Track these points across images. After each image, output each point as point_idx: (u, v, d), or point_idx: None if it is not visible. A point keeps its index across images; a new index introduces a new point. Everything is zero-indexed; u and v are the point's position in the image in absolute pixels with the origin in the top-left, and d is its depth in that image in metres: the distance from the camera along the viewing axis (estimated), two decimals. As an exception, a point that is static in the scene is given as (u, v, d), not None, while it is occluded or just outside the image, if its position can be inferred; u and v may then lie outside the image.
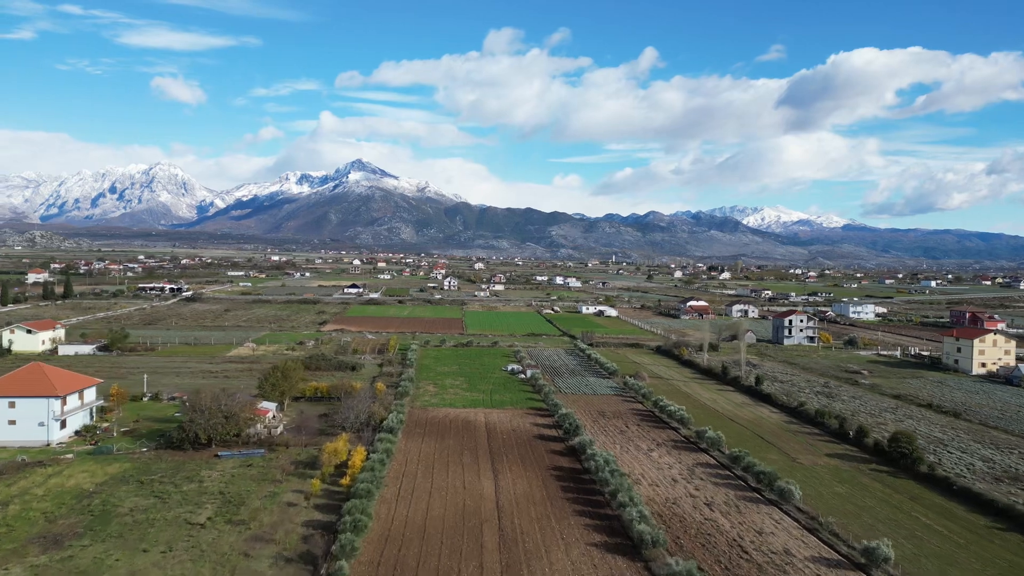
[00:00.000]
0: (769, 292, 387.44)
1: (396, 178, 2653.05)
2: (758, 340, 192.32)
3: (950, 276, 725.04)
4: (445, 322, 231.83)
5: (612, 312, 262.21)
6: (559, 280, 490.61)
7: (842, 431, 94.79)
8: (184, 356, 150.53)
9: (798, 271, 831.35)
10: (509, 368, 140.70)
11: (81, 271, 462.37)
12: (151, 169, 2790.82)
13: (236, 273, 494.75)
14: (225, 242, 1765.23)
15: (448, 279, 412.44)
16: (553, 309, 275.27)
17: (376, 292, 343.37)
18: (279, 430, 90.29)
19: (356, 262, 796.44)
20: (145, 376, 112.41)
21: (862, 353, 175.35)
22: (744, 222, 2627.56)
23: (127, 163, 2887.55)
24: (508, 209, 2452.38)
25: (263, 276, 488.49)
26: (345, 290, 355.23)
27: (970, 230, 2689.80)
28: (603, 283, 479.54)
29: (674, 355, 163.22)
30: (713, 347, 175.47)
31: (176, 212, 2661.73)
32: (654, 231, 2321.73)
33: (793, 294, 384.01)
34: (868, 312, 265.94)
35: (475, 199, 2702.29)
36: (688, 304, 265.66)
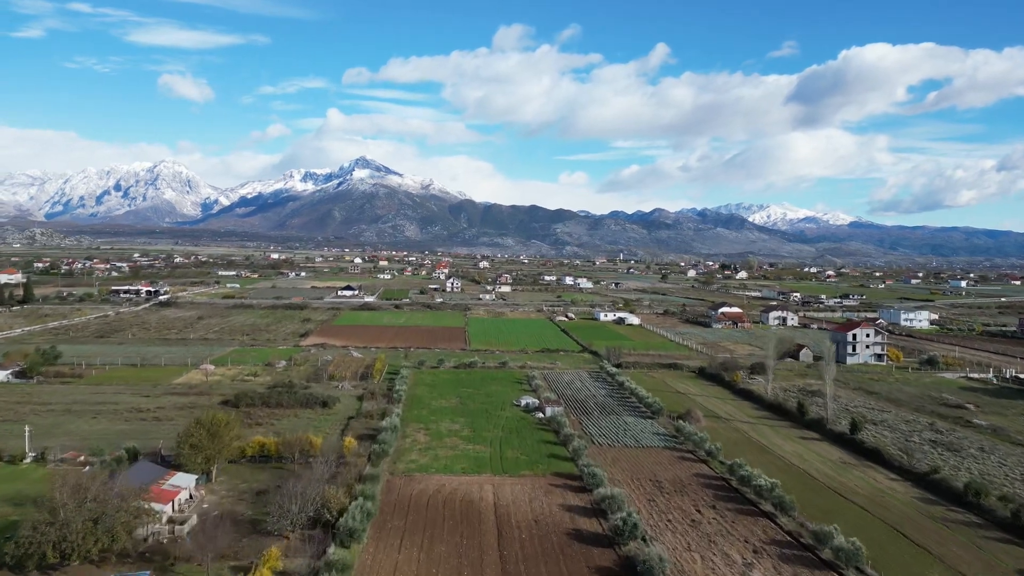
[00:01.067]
0: (798, 294, 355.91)
1: (400, 175, 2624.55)
2: (814, 358, 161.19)
3: (972, 275, 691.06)
4: (446, 333, 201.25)
5: (634, 320, 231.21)
6: (568, 280, 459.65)
7: (1018, 523, 64.03)
8: (118, 385, 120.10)
9: (813, 269, 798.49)
10: (523, 403, 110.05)
11: (63, 271, 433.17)
12: (156, 167, 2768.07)
13: (227, 273, 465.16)
14: (228, 239, 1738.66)
15: (451, 280, 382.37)
16: (567, 316, 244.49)
17: (372, 295, 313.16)
18: (187, 527, 59.80)
19: (357, 260, 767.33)
20: (28, 429, 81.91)
21: (947, 376, 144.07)
22: (750, 219, 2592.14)
23: (134, 161, 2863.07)
24: (513, 206, 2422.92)
25: (255, 276, 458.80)
26: (339, 292, 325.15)
27: (978, 227, 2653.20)
28: (615, 284, 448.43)
29: (724, 381, 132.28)
30: (761, 368, 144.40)
31: (181, 210, 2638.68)
32: (660, 228, 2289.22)
33: (824, 296, 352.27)
34: (922, 319, 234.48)
35: (480, 197, 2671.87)
36: (720, 311, 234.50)
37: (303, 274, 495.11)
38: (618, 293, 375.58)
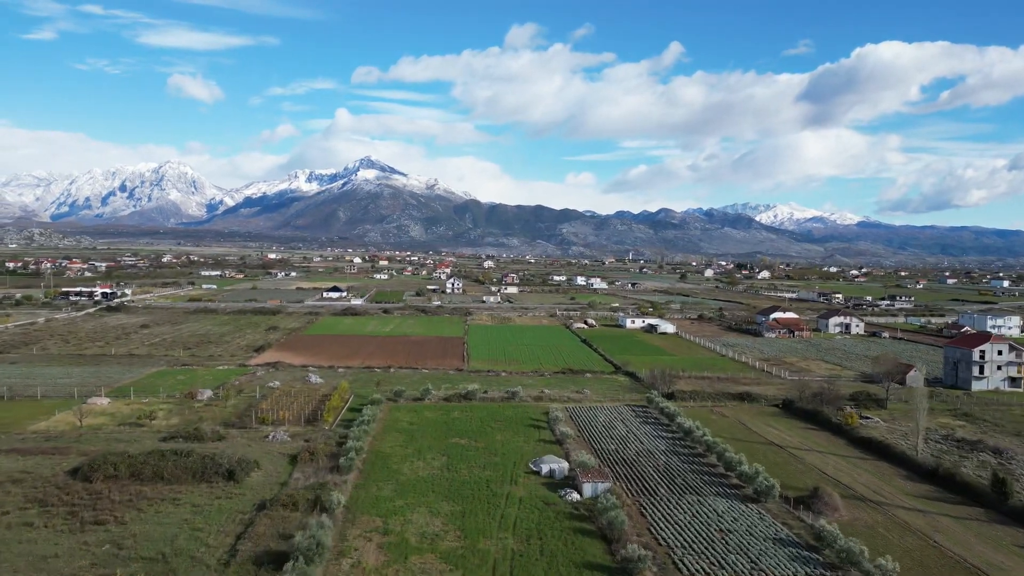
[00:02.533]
0: (840, 296, 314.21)
1: (405, 175, 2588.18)
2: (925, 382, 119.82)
3: (1011, 274, 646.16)
4: (439, 345, 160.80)
5: (668, 327, 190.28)
6: (580, 280, 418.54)
7: None
8: (-60, 434, 79.95)
9: (833, 269, 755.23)
10: (544, 468, 69.46)
11: (29, 270, 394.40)
12: (161, 167, 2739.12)
13: (210, 273, 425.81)
14: (231, 240, 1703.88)
15: (452, 280, 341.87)
16: (586, 322, 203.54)
17: (361, 297, 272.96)
18: None
19: (356, 260, 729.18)
20: None
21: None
22: (757, 219, 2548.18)
23: (141, 162, 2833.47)
24: (518, 206, 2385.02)
25: (241, 276, 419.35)
26: (324, 294, 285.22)
27: (987, 227, 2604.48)
28: (631, 284, 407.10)
29: (829, 423, 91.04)
30: (877, 401, 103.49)
31: (186, 210, 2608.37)
32: (666, 228, 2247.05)
33: (869, 298, 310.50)
34: (1012, 326, 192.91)
35: (486, 197, 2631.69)
36: (771, 317, 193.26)
37: (293, 274, 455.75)
38: (637, 294, 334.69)
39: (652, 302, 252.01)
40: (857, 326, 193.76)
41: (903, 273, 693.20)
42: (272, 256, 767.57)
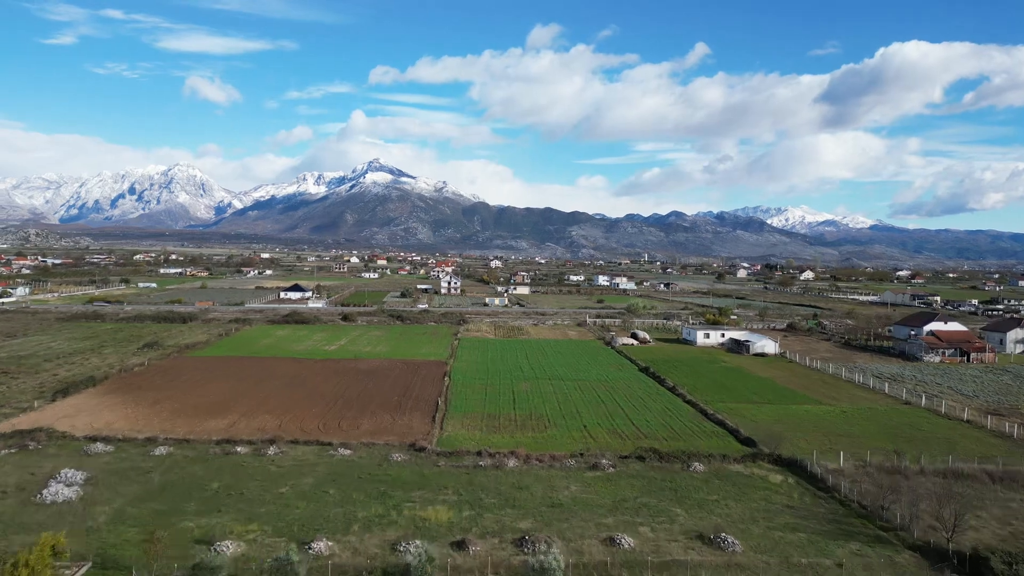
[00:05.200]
0: (938, 298, 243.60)
1: (414, 178, 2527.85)
2: None
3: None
4: (400, 380, 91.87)
5: (766, 344, 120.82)
6: (602, 280, 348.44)
7: None
8: None
9: (866, 268, 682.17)
10: None
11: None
12: (170, 170, 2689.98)
13: (170, 271, 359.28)
14: (236, 242, 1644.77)
15: (448, 279, 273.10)
16: (635, 336, 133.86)
17: (324, 299, 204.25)
18: None
19: (354, 259, 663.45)
20: None
21: None
22: (768, 222, 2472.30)
23: (150, 165, 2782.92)
24: (527, 209, 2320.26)
25: (205, 275, 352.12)
26: (281, 294, 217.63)
27: (1003, 230, 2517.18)
28: (664, 284, 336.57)
29: None
30: None
31: (194, 213, 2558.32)
32: (677, 231, 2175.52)
33: (974, 301, 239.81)
34: None
35: (495, 200, 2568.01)
36: (927, 330, 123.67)
37: (269, 272, 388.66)
38: (676, 296, 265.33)
39: (718, 307, 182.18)
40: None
41: (951, 275, 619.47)
42: (265, 256, 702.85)
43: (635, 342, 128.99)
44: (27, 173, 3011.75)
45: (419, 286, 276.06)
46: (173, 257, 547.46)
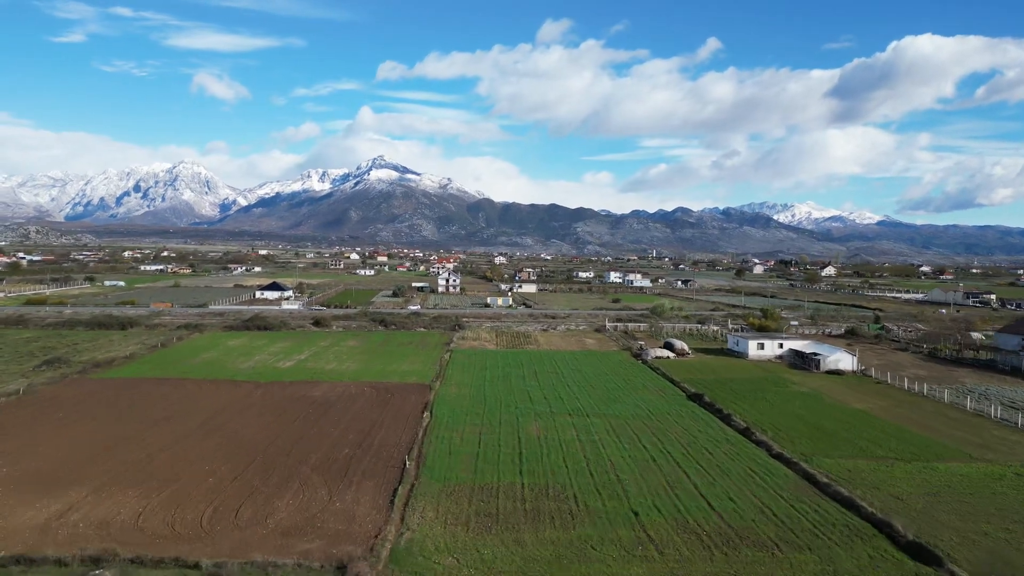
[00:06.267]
0: (992, 296, 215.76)
1: (419, 175, 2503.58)
2: None
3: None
4: (363, 418, 65.15)
5: (841, 359, 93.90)
6: (614, 277, 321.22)
7: None
8: None
9: (879, 263, 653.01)
10: None
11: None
12: (175, 168, 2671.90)
13: (151, 268, 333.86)
14: (240, 239, 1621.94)
15: (447, 275, 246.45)
16: (671, 347, 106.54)
17: (298, 301, 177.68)
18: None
19: (354, 256, 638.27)
20: None
21: None
22: (775, 218, 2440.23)
23: (154, 163, 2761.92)
24: (532, 205, 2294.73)
25: (188, 272, 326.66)
26: (258, 293, 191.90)
27: (1012, 226, 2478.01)
28: (682, 282, 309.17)
29: None
30: None
31: (199, 210, 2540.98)
32: (683, 227, 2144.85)
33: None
34: None
35: (500, 196, 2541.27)
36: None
37: (257, 269, 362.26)
38: (699, 295, 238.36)
39: (760, 309, 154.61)
40: None
41: (974, 271, 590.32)
42: (263, 252, 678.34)
43: (671, 354, 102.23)
44: (35, 171, 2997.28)
45: (414, 284, 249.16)
46: (164, 254, 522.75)
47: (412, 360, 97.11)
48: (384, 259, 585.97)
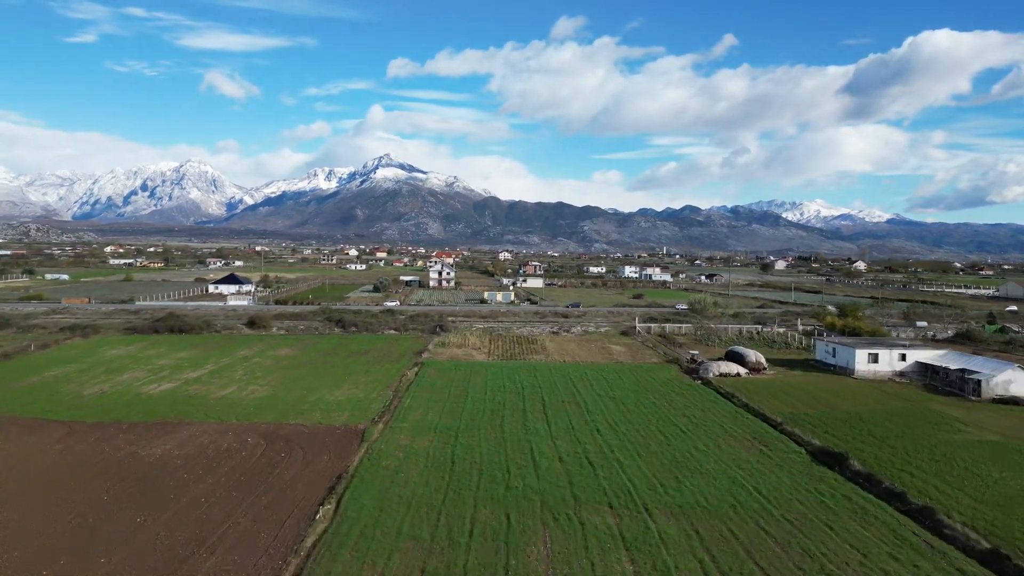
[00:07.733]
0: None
1: (425, 173, 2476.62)
2: None
3: None
4: (209, 518, 32.57)
5: (1018, 381, 60.14)
6: (630, 272, 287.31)
7: None
8: None
9: (912, 259, 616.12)
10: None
11: None
12: (182, 167, 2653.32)
13: (119, 262, 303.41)
14: (245, 237, 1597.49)
15: (440, 269, 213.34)
16: (736, 360, 72.94)
17: (246, 297, 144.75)
18: None
19: (352, 252, 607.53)
20: None
21: None
22: (784, 216, 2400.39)
23: (161, 162, 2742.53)
24: (538, 203, 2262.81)
25: (159, 266, 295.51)
26: (211, 287, 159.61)
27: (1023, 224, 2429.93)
28: (706, 277, 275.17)
29: None
30: None
31: (206, 209, 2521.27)
32: (691, 226, 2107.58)
33: None
34: None
35: (507, 195, 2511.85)
36: None
37: (239, 263, 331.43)
38: (735, 291, 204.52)
39: (838, 305, 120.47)
40: None
41: (1006, 267, 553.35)
42: (261, 249, 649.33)
43: (742, 370, 68.86)
44: (37, 170, 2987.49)
45: (402, 278, 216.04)
46: (151, 250, 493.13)
47: (357, 380, 64.09)
48: (384, 255, 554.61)
